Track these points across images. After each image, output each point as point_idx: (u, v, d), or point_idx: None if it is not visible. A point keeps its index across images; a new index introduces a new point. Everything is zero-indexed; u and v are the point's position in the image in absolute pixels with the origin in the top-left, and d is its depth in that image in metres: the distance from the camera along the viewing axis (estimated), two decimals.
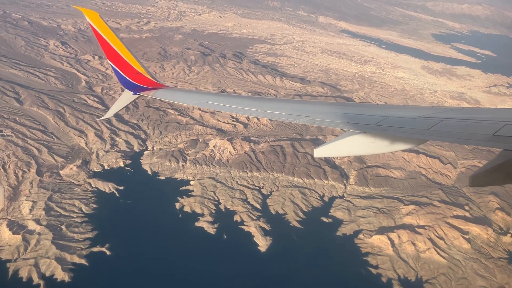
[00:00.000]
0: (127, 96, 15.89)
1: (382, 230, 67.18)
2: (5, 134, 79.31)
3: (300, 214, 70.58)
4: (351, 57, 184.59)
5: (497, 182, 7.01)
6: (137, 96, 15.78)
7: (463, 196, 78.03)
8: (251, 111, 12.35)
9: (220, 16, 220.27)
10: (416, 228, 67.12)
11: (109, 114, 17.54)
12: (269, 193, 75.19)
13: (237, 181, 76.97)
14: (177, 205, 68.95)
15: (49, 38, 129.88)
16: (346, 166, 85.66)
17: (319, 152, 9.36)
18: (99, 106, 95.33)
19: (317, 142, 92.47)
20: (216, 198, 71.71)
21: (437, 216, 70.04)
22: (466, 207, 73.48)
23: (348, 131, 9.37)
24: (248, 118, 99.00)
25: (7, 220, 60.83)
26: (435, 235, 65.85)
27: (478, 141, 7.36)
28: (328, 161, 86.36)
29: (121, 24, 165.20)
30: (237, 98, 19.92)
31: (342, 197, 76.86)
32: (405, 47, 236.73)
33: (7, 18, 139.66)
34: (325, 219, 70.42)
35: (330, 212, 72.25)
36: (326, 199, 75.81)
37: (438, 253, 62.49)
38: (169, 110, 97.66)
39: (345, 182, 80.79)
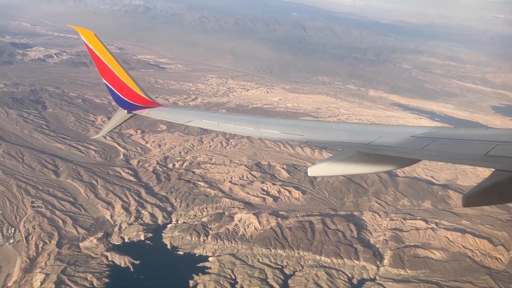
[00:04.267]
0: (122, 115, 15.72)
1: None
2: (35, 205, 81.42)
3: None
4: None
5: (489, 202, 6.98)
6: (132, 114, 15.54)
7: None
8: (245, 130, 12.25)
9: (267, 92, 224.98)
10: None
11: (103, 132, 18.34)
12: (292, 273, 69.82)
13: (258, 259, 72.46)
14: (191, 283, 65.37)
15: (98, 114, 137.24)
16: (381, 245, 78.68)
17: (313, 171, 9.31)
18: (132, 178, 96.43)
19: (351, 219, 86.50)
20: (233, 277, 67.37)
21: None
22: None
23: (342, 150, 9.46)
24: (279, 191, 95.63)
25: None
26: None
27: (470, 161, 7.42)
28: (361, 239, 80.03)
29: (169, 100, 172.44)
30: (233, 116, 19.56)
31: (373, 279, 69.71)
32: (460, 119, 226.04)
33: (64, 97, 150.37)
34: None
35: None
36: (355, 281, 69.05)
37: None
38: (199, 183, 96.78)
39: (378, 263, 73.67)
